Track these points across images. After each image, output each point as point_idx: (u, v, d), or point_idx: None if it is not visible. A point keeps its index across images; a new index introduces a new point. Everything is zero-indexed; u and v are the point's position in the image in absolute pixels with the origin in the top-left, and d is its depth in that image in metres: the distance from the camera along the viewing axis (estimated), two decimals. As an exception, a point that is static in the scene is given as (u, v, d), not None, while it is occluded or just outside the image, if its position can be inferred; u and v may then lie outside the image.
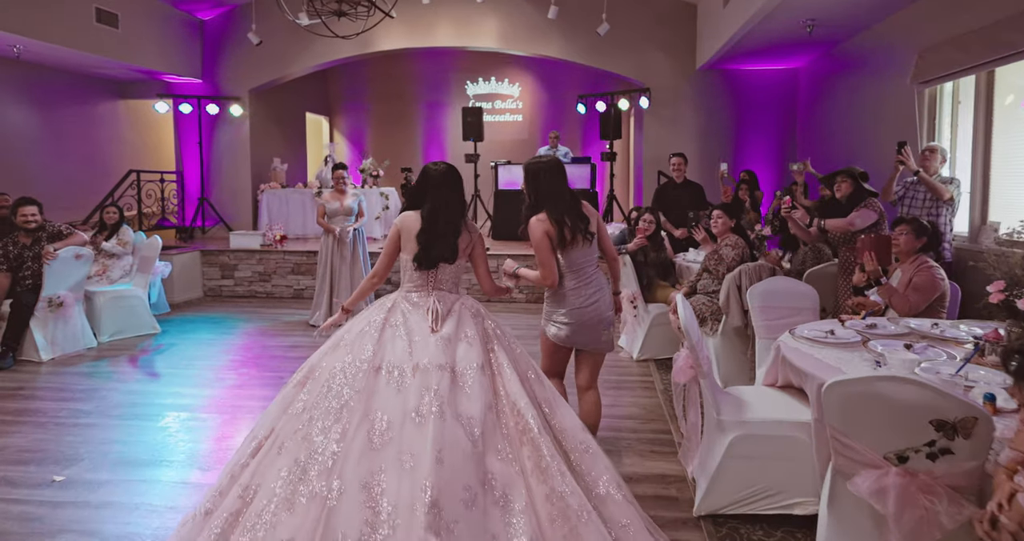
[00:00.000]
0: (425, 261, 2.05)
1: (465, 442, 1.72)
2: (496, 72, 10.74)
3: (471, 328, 1.98)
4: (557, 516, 1.71)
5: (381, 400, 1.79)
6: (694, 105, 8.10)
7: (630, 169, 10.09)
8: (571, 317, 2.34)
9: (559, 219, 2.29)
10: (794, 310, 2.97)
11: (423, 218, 2.07)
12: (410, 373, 1.83)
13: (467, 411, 1.78)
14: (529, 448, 1.80)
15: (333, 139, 11.30)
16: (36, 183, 7.45)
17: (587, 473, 1.86)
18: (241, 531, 1.63)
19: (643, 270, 4.47)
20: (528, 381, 1.97)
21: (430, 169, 2.15)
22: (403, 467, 1.66)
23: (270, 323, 5.66)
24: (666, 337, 4.33)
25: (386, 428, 1.73)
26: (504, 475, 1.73)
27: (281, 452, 1.74)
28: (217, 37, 8.57)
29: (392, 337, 1.93)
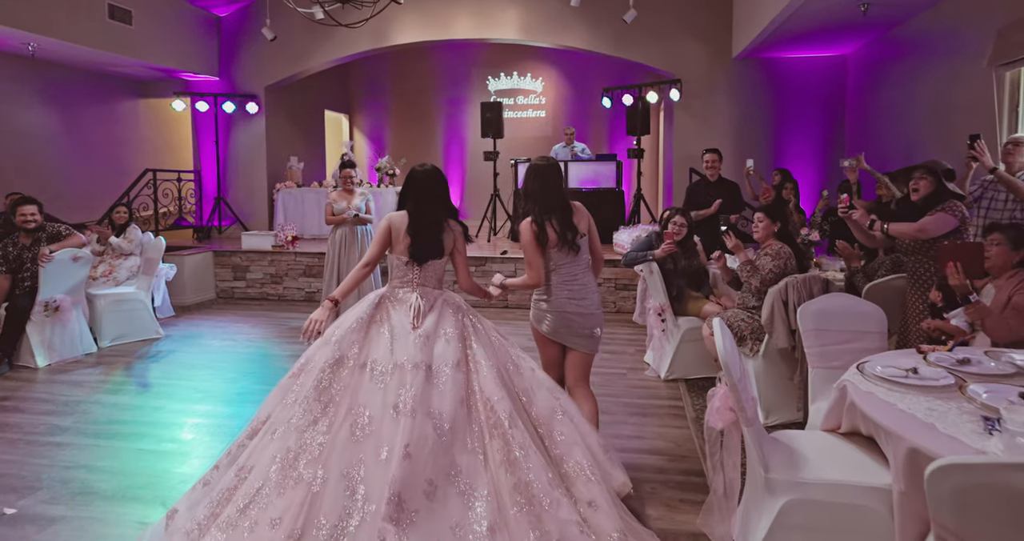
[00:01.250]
0: (417, 255, 2.15)
1: (433, 437, 1.85)
2: (518, 66, 10.32)
3: (451, 325, 2.09)
4: (524, 504, 1.82)
5: (364, 395, 1.92)
6: (729, 97, 7.52)
7: (659, 167, 9.55)
8: (556, 314, 2.41)
9: (539, 221, 2.36)
10: (855, 334, 2.48)
11: (409, 215, 2.18)
12: (391, 370, 1.95)
13: (438, 407, 1.91)
14: (499, 441, 1.91)
15: (352, 137, 11.07)
16: (55, 182, 7.40)
17: (560, 456, 1.99)
18: (234, 507, 1.77)
19: (672, 279, 4.00)
20: (506, 372, 2.08)
21: (415, 170, 2.25)
22: (379, 458, 1.80)
23: (276, 329, 5.39)
24: (698, 354, 3.86)
25: (368, 422, 1.86)
26: (470, 467, 1.85)
27: (274, 438, 1.87)
28: (234, 34, 8.38)
29: (377, 334, 2.05)
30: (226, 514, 1.78)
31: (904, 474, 1.47)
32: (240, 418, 3.31)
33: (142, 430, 3.17)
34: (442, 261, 2.24)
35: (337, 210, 5.22)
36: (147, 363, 4.41)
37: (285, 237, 6.91)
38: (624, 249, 6.13)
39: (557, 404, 2.11)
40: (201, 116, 8.51)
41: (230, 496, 1.83)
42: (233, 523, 1.75)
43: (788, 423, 3.16)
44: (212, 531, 1.77)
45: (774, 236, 3.40)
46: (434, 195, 2.21)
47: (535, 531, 1.79)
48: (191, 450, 2.96)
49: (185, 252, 6.74)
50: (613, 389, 3.80)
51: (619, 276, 6.00)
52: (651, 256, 4.00)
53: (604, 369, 4.20)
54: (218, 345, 4.91)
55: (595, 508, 1.91)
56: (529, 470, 1.87)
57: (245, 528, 1.74)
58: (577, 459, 1.99)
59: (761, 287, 3.27)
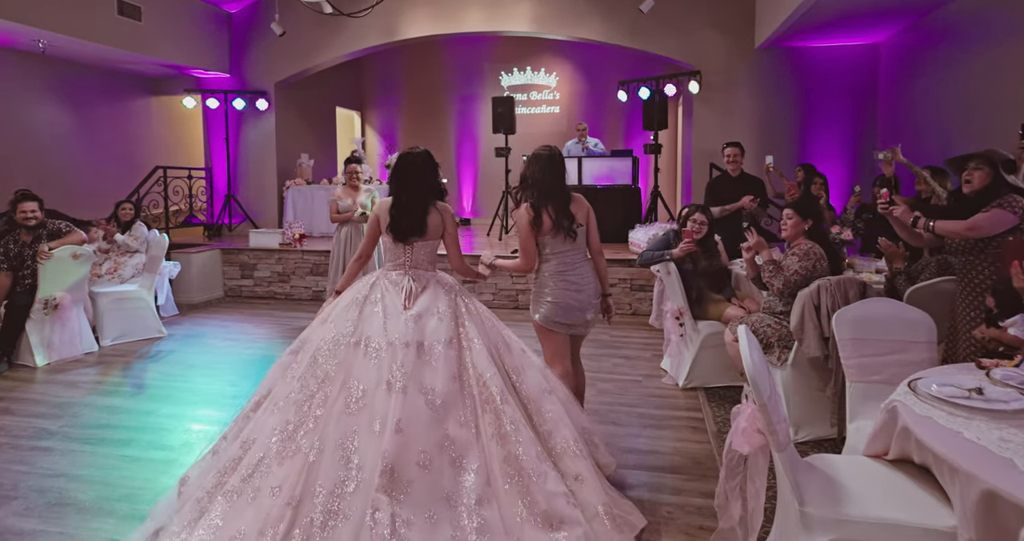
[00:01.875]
0: (397, 232, 2.21)
1: (425, 411, 1.91)
2: (531, 61, 10.08)
3: (443, 304, 2.15)
4: (513, 475, 1.89)
5: (358, 371, 1.99)
6: (751, 89, 7.19)
7: (677, 163, 9.23)
8: (555, 303, 2.44)
9: (536, 207, 2.39)
10: (900, 345, 2.21)
11: (391, 193, 2.28)
12: (384, 347, 2.02)
13: (430, 383, 1.97)
14: (491, 416, 1.98)
15: (364, 134, 10.94)
16: (67, 180, 7.37)
17: (548, 432, 2.06)
18: (238, 476, 1.87)
19: (692, 281, 3.74)
20: (498, 351, 2.16)
21: (404, 153, 2.31)
22: (373, 430, 1.87)
23: (281, 329, 5.24)
24: (720, 362, 3.60)
25: (361, 396, 1.93)
26: (462, 440, 1.92)
27: (275, 412, 1.96)
28: (244, 30, 8.28)
29: (371, 313, 2.11)
30: (231, 483, 1.87)
31: (977, 521, 1.22)
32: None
33: (130, 435, 3.03)
34: (431, 243, 2.28)
35: (342, 207, 5.05)
36: (146, 363, 4.29)
37: (292, 235, 6.78)
38: (640, 248, 5.86)
39: (546, 383, 2.18)
40: (212, 113, 8.44)
41: (235, 466, 1.93)
42: (238, 491, 1.84)
43: (820, 440, 2.89)
44: (218, 498, 1.85)
45: (804, 235, 3.12)
46: (419, 176, 2.26)
47: (524, 501, 1.87)
48: (177, 458, 2.80)
49: (192, 250, 6.65)
50: (627, 398, 3.56)
51: (635, 276, 5.74)
52: (668, 256, 3.75)
53: (618, 376, 3.96)
54: (220, 346, 4.78)
55: (581, 482, 1.98)
56: (519, 444, 1.94)
57: (248, 496, 1.82)
58: (564, 435, 2.06)
59: (783, 289, 3.00)
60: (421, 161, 2.29)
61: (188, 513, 1.88)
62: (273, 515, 1.76)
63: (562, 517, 1.86)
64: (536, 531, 1.84)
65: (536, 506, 1.87)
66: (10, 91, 6.84)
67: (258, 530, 1.73)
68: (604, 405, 3.43)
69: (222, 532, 1.76)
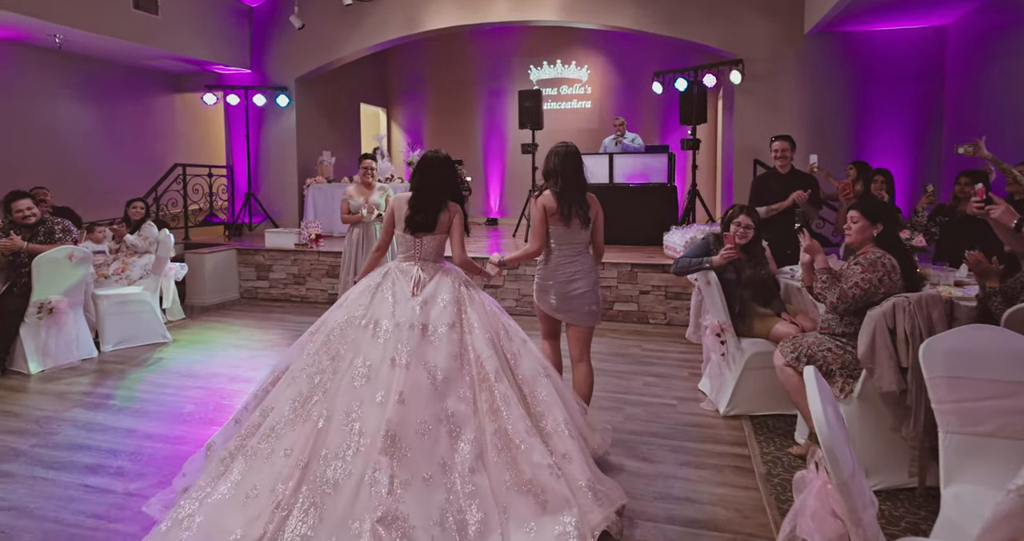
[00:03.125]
0: (411, 225, 2.41)
1: (427, 386, 2.09)
2: (562, 54, 9.64)
3: (448, 292, 2.33)
4: (501, 447, 2.07)
5: (366, 349, 2.17)
6: (799, 79, 6.59)
7: (717, 159, 8.65)
8: (556, 290, 2.64)
9: (560, 194, 2.56)
10: (1013, 386, 1.72)
11: (411, 190, 2.47)
12: (391, 328, 2.20)
13: (433, 360, 2.15)
14: (487, 393, 2.15)
15: (390, 132, 10.71)
16: (89, 178, 7.33)
17: (540, 413, 2.22)
18: (258, 438, 2.06)
19: (735, 292, 3.27)
20: (497, 336, 2.32)
21: (427, 155, 2.49)
22: (376, 401, 2.05)
23: (290, 336, 4.97)
24: (767, 386, 3.12)
25: (367, 371, 2.11)
26: (460, 414, 2.09)
27: (291, 384, 2.15)
28: (265, 24, 8.12)
29: (382, 299, 2.31)
30: (250, 445, 2.07)
31: None
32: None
33: (100, 460, 2.76)
34: (439, 237, 2.46)
35: (353, 207, 4.76)
36: (141, 372, 4.06)
37: (309, 235, 6.53)
38: (676, 253, 5.38)
39: (541, 369, 2.34)
40: (233, 110, 8.32)
41: (254, 431, 2.12)
42: (255, 452, 2.03)
43: (895, 490, 2.40)
44: (239, 458, 2.05)
45: (873, 242, 2.63)
46: (438, 176, 2.45)
47: (511, 471, 2.04)
48: (142, 489, 2.49)
49: (206, 250, 6.48)
50: (660, 426, 3.12)
51: (670, 283, 5.27)
52: (708, 263, 3.29)
53: (649, 398, 3.52)
54: (222, 354, 4.53)
55: (568, 459, 2.13)
56: (508, 419, 2.10)
57: (264, 456, 2.01)
58: (555, 417, 2.22)
59: (838, 304, 2.52)
60: (440, 162, 2.47)
61: (213, 471, 2.09)
62: (284, 473, 1.95)
63: (544, 486, 2.00)
64: (521, 497, 2.00)
65: (522, 475, 2.03)
66: (31, 88, 6.81)
67: (270, 486, 1.93)
68: (632, 435, 2.99)
69: (240, 487, 1.96)
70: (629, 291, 5.34)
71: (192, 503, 1.95)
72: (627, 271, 5.34)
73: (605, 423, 2.82)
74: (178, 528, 1.88)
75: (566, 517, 1.96)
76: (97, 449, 2.87)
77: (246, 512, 1.88)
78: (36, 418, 3.26)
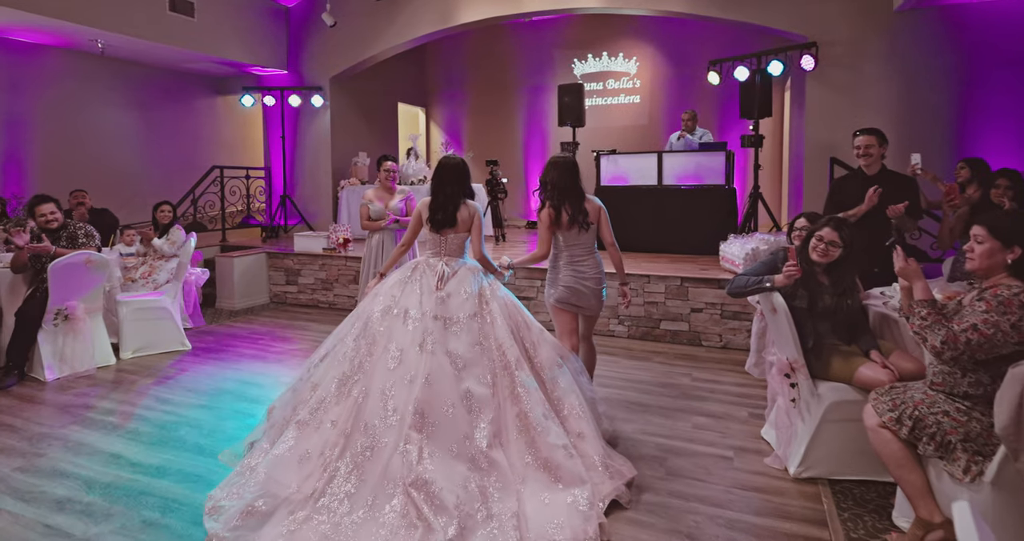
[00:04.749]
0: (433, 223, 2.66)
1: (450, 370, 2.36)
2: (608, 46, 9.01)
3: (470, 286, 2.58)
4: (522, 428, 2.35)
5: (398, 336, 2.46)
6: (886, 63, 5.72)
7: (783, 158, 7.80)
8: (566, 287, 2.89)
9: (556, 205, 2.83)
10: None
11: (431, 192, 2.72)
12: (419, 318, 2.48)
13: (455, 348, 2.42)
14: (507, 379, 2.43)
15: (429, 131, 10.39)
16: (131, 182, 7.37)
17: (558, 398, 2.50)
18: (306, 410, 2.40)
19: (806, 321, 2.64)
20: (516, 327, 2.59)
21: (443, 161, 2.72)
22: (405, 382, 2.35)
23: (310, 348, 4.65)
24: (852, 444, 2.49)
25: (399, 356, 2.41)
26: (480, 395, 2.35)
27: (335, 364, 2.50)
28: (301, 24, 7.93)
29: (411, 291, 2.58)
30: (302, 415, 2.37)
31: None
32: (194, 485, 2.51)
33: (73, 493, 2.51)
34: (461, 234, 2.66)
35: (374, 213, 4.39)
36: (150, 386, 3.84)
37: (337, 239, 6.24)
38: (735, 266, 4.71)
39: (559, 358, 2.57)
40: (271, 111, 8.20)
41: (305, 402, 2.43)
42: (305, 422, 2.35)
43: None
44: (291, 426, 2.36)
45: (1007, 271, 1.96)
46: (455, 178, 2.66)
47: (529, 449, 2.30)
48: (99, 537, 2.19)
49: (236, 254, 6.32)
50: (711, 488, 2.53)
51: (725, 301, 4.60)
52: (769, 283, 2.67)
53: (699, 446, 2.93)
54: (235, 367, 4.25)
55: (582, 438, 2.42)
56: (528, 403, 2.35)
57: (312, 426, 2.33)
58: (572, 402, 2.48)
59: (943, 351, 1.90)
60: (453, 165, 2.68)
61: (273, 433, 2.47)
62: (330, 441, 2.27)
63: (558, 464, 2.26)
64: (536, 473, 2.26)
65: (538, 454, 2.27)
66: (76, 93, 6.87)
67: (319, 451, 2.26)
68: (675, 499, 2.44)
69: (294, 450, 2.28)
70: (679, 308, 4.71)
71: (257, 457, 2.42)
72: (676, 286, 4.71)
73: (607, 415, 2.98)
74: (244, 476, 2.34)
75: (577, 490, 2.21)
76: (75, 478, 2.64)
77: (300, 471, 2.23)
78: (31, 435, 3.09)
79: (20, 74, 6.35)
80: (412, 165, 7.60)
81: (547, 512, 2.12)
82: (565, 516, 2.09)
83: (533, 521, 2.09)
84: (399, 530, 2.02)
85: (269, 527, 2.06)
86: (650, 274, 4.80)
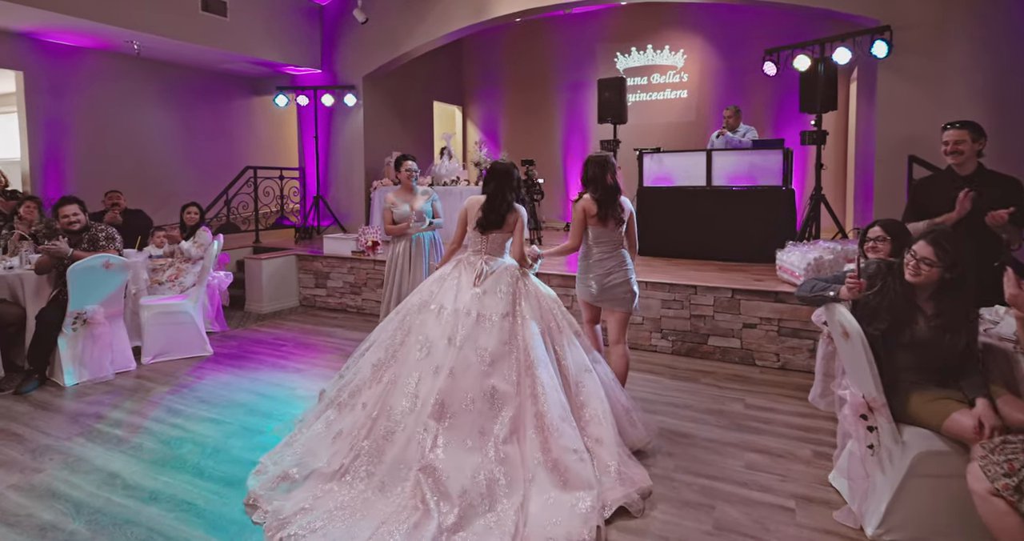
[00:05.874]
0: (483, 225, 2.79)
1: (476, 365, 2.44)
2: (653, 38, 8.52)
3: (506, 285, 2.67)
4: (538, 428, 2.39)
5: (430, 328, 2.59)
6: (973, 49, 5.05)
7: (848, 156, 7.14)
8: (596, 281, 2.97)
9: (598, 199, 2.89)
10: None
11: (487, 196, 2.83)
12: (452, 313, 2.60)
13: (484, 344, 2.49)
14: (530, 379, 2.46)
15: (466, 130, 10.15)
16: (167, 182, 7.42)
17: (582, 403, 2.54)
18: (348, 393, 2.66)
19: (888, 351, 2.19)
20: (549, 330, 2.64)
21: (498, 163, 2.90)
22: (431, 373, 2.46)
23: (332, 359, 4.46)
24: (949, 504, 2.04)
25: (428, 347, 2.53)
26: (503, 392, 2.41)
27: (374, 352, 2.70)
28: (335, 22, 7.82)
29: (448, 286, 2.71)
30: (342, 397, 2.67)
31: None
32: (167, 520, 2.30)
33: (60, 518, 2.35)
34: (504, 235, 2.80)
35: (399, 215, 4.15)
36: (163, 395, 3.71)
37: (365, 242, 6.05)
38: (794, 277, 4.22)
39: (588, 363, 2.64)
40: (304, 111, 8.14)
41: (347, 386, 2.70)
42: (344, 404, 2.64)
43: None
44: (333, 406, 2.68)
45: None
46: (511, 183, 2.82)
47: (542, 450, 2.35)
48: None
49: (264, 256, 6.23)
50: (769, 549, 2.12)
51: (783, 315, 4.12)
52: (833, 292, 2.28)
53: (753, 491, 2.51)
54: (253, 377, 4.08)
55: (600, 443, 2.45)
56: (546, 404, 2.40)
57: (348, 408, 2.61)
58: (594, 407, 2.53)
59: None
60: (506, 170, 2.83)
61: (318, 412, 2.71)
62: (359, 422, 2.47)
63: (568, 467, 2.29)
64: (546, 473, 2.31)
65: (549, 454, 2.34)
66: (114, 95, 6.95)
67: (350, 431, 2.47)
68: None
69: (330, 428, 2.55)
70: (729, 323, 4.26)
71: (300, 432, 2.69)
72: (727, 298, 4.26)
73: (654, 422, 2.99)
74: (288, 447, 2.62)
75: (583, 494, 2.22)
76: (66, 500, 2.48)
77: (332, 447, 2.46)
78: (35, 446, 2.99)
79: (60, 77, 6.46)
80: (446, 165, 7.36)
81: (549, 511, 2.18)
82: (565, 517, 2.15)
83: (534, 518, 2.16)
84: (402, 511, 2.15)
85: (298, 491, 2.31)
86: (697, 284, 4.36)
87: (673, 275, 4.67)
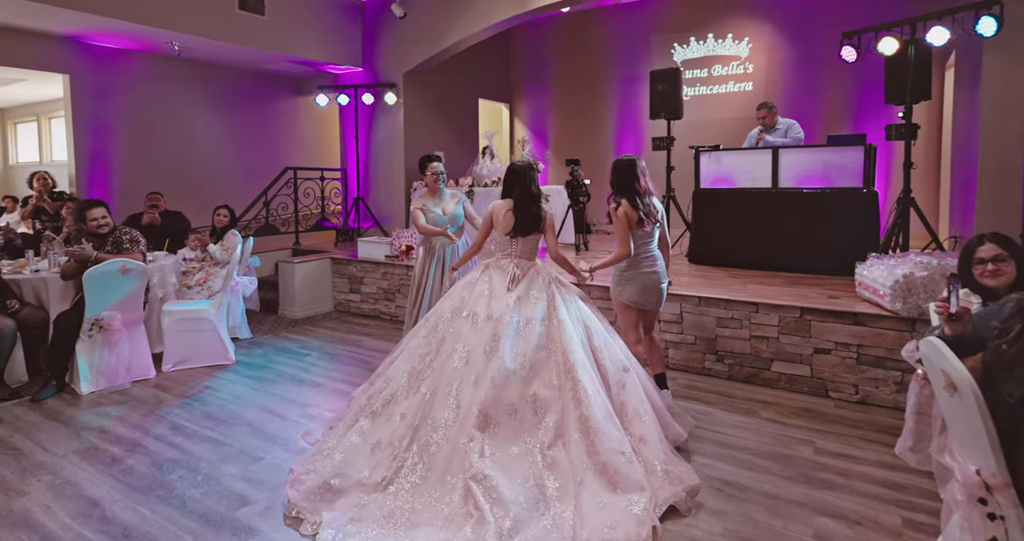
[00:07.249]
0: (520, 229, 2.75)
1: (516, 372, 2.44)
2: (714, 26, 7.84)
3: (539, 289, 2.67)
4: (584, 431, 2.37)
5: (465, 336, 2.58)
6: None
7: (942, 154, 6.25)
8: (637, 282, 2.99)
9: (636, 204, 2.92)
10: None
11: (515, 199, 2.79)
12: (485, 318, 2.59)
13: (522, 350, 2.49)
14: (570, 383, 2.45)
15: (513, 128, 9.79)
16: (212, 183, 7.48)
17: (621, 402, 2.54)
18: (381, 402, 2.60)
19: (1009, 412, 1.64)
20: (586, 330, 2.63)
21: (516, 164, 2.89)
22: (471, 382, 2.46)
23: (356, 373, 4.22)
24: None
25: (467, 356, 2.53)
26: (544, 397, 2.44)
27: (407, 360, 2.67)
28: (376, 19, 7.63)
29: (480, 293, 2.70)
30: (375, 406, 2.61)
31: None
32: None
33: None
34: (534, 237, 2.80)
35: (433, 219, 3.89)
36: (171, 408, 3.56)
37: (399, 246, 5.81)
38: (878, 296, 3.59)
39: (626, 362, 2.64)
40: (346, 110, 8.02)
41: (379, 394, 2.65)
42: (378, 413, 2.59)
43: None
44: (365, 415, 2.61)
45: None
46: (534, 183, 2.82)
47: (589, 451, 2.34)
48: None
49: (297, 259, 6.11)
50: None
51: (864, 341, 3.50)
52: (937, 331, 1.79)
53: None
54: (268, 392, 3.88)
55: (644, 442, 2.45)
56: (590, 407, 2.39)
57: (384, 417, 2.55)
58: (635, 405, 2.53)
59: None
60: (523, 170, 2.84)
61: (349, 420, 2.70)
62: (399, 433, 2.47)
63: (617, 469, 2.28)
64: (595, 476, 2.30)
65: (597, 457, 2.32)
66: (158, 96, 7.04)
67: (388, 440, 2.46)
68: None
69: (367, 438, 2.52)
70: (797, 346, 3.68)
71: (333, 440, 2.62)
72: (795, 318, 3.68)
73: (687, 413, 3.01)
74: (321, 456, 2.55)
75: (635, 496, 2.22)
76: (41, 530, 2.30)
77: (371, 458, 2.42)
78: (29, 464, 2.86)
79: (105, 79, 6.58)
80: (487, 165, 7.02)
81: (603, 514, 2.16)
82: (620, 518, 2.13)
83: (588, 521, 2.13)
84: (455, 518, 2.16)
85: (342, 501, 2.30)
86: (759, 301, 3.80)
87: (731, 289, 4.12)
